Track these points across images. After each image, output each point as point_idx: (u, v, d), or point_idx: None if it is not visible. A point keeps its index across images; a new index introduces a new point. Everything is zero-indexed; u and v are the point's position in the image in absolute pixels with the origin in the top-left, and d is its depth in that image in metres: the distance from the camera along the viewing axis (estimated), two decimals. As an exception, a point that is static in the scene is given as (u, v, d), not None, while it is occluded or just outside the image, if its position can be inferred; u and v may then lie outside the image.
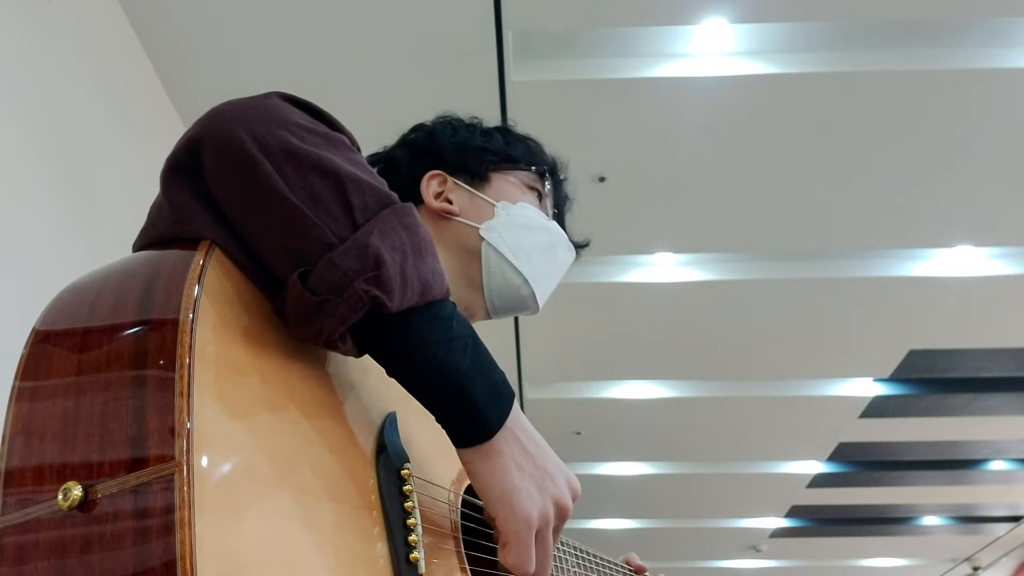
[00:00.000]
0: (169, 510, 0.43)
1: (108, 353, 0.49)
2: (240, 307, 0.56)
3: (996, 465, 6.54)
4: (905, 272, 3.99)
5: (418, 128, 1.07)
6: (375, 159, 1.05)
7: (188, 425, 0.45)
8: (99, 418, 0.47)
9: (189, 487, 0.43)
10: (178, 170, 0.60)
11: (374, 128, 1.07)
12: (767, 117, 3.04)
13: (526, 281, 0.96)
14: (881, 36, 2.81)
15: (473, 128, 1.05)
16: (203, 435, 0.46)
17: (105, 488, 0.44)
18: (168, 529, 0.42)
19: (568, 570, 1.04)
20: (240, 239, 0.59)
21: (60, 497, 0.44)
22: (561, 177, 1.10)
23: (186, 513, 0.42)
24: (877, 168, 3.28)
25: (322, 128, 0.62)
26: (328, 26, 2.62)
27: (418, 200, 0.98)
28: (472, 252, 0.96)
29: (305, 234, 0.57)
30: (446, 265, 0.94)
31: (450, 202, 0.98)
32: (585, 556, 1.12)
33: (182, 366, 0.47)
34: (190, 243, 0.57)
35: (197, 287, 0.51)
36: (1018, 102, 2.93)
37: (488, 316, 1.00)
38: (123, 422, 0.46)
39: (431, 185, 0.98)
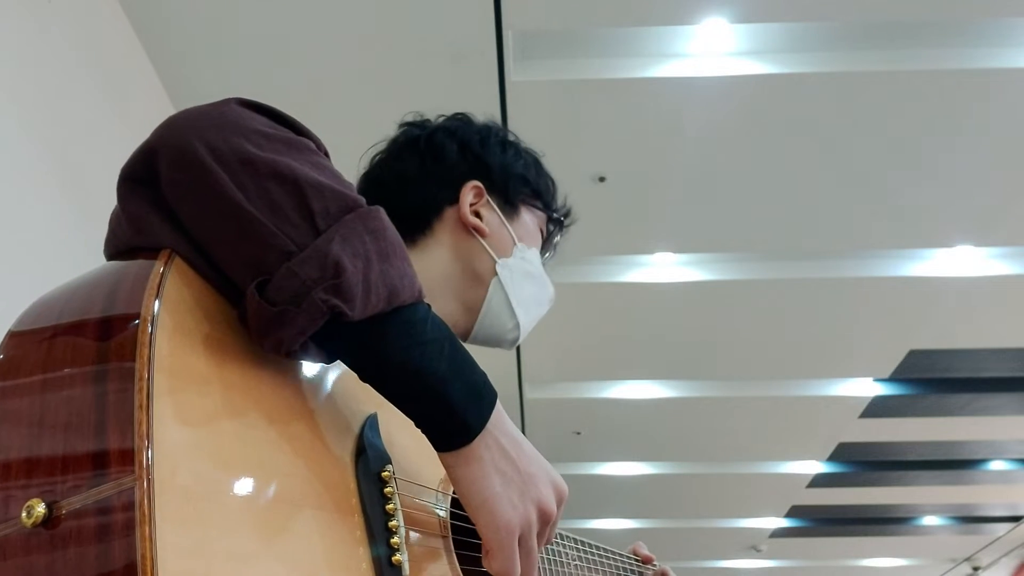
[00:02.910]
0: (130, 525, 0.43)
1: (71, 364, 0.49)
2: (202, 316, 0.56)
3: (996, 465, 6.54)
4: (905, 272, 3.99)
5: (464, 121, 1.04)
6: (419, 126, 1.02)
7: (147, 439, 0.45)
8: (61, 431, 0.47)
9: (150, 502, 0.43)
10: (133, 180, 0.59)
11: (374, 129, 1.06)
12: (767, 117, 3.04)
13: (517, 326, 0.97)
14: (881, 36, 2.80)
15: (517, 152, 1.03)
16: (163, 448, 0.46)
17: (68, 504, 0.44)
18: (130, 545, 0.42)
19: (568, 563, 1.04)
20: (201, 248, 0.58)
21: (24, 515, 0.44)
22: (568, 225, 1.10)
23: (147, 528, 0.42)
24: (877, 168, 3.27)
25: (283, 133, 0.60)
26: (328, 26, 2.62)
27: (452, 198, 0.97)
28: (480, 279, 0.95)
29: (263, 243, 0.55)
30: (447, 276, 0.94)
31: (480, 218, 0.96)
32: (587, 549, 1.12)
33: (141, 378, 0.47)
34: (151, 252, 0.56)
35: (156, 298, 0.51)
36: (1018, 102, 2.93)
37: (463, 339, 0.99)
38: (85, 436, 0.46)
39: (470, 194, 0.96)
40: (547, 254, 1.06)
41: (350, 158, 1.02)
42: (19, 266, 1.89)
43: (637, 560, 1.28)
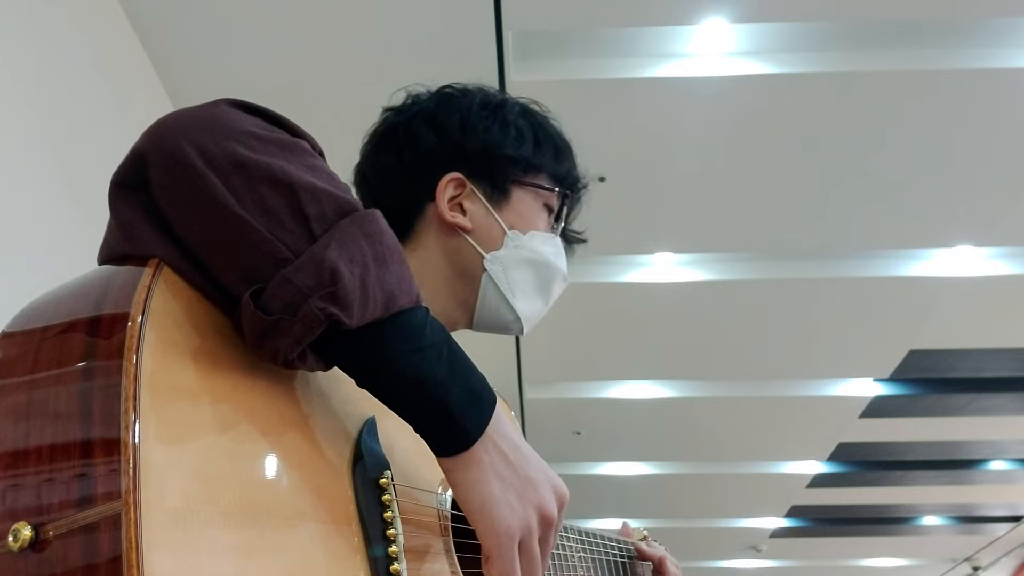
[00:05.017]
0: (117, 552, 0.42)
1: (58, 367, 0.49)
2: (191, 328, 0.54)
3: (996, 465, 6.54)
4: (905, 272, 3.99)
5: (446, 98, 0.97)
6: (399, 111, 0.97)
7: (133, 460, 0.44)
8: (47, 451, 0.46)
9: (136, 526, 0.42)
10: (124, 186, 0.57)
11: (374, 128, 1.06)
12: (767, 117, 3.04)
13: (518, 318, 0.93)
14: (881, 36, 2.80)
15: (507, 126, 0.95)
16: (151, 468, 0.45)
17: (55, 528, 0.43)
18: (117, 572, 0.41)
19: (573, 555, 1.04)
20: (193, 256, 0.56)
21: (11, 539, 0.43)
22: (580, 191, 1.03)
23: (134, 555, 0.42)
24: (877, 168, 3.27)
25: (276, 135, 0.58)
26: (327, 27, 2.62)
27: (430, 195, 0.92)
28: (471, 276, 0.92)
29: (256, 250, 0.54)
30: (439, 278, 0.91)
31: (463, 212, 0.92)
32: (593, 540, 1.11)
33: (128, 397, 0.45)
34: (142, 260, 0.55)
35: (143, 311, 0.49)
36: (1018, 102, 2.93)
37: (470, 328, 0.97)
38: (72, 456, 0.45)
39: (448, 189, 0.91)
40: (558, 226, 0.99)
41: (349, 159, 1.02)
42: (19, 266, 1.89)
43: (630, 544, 1.26)
